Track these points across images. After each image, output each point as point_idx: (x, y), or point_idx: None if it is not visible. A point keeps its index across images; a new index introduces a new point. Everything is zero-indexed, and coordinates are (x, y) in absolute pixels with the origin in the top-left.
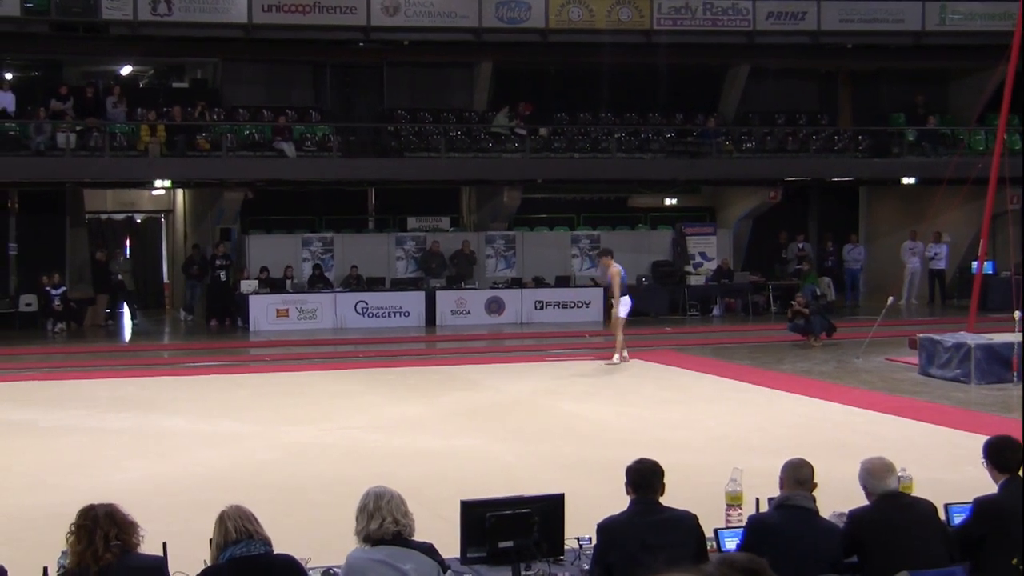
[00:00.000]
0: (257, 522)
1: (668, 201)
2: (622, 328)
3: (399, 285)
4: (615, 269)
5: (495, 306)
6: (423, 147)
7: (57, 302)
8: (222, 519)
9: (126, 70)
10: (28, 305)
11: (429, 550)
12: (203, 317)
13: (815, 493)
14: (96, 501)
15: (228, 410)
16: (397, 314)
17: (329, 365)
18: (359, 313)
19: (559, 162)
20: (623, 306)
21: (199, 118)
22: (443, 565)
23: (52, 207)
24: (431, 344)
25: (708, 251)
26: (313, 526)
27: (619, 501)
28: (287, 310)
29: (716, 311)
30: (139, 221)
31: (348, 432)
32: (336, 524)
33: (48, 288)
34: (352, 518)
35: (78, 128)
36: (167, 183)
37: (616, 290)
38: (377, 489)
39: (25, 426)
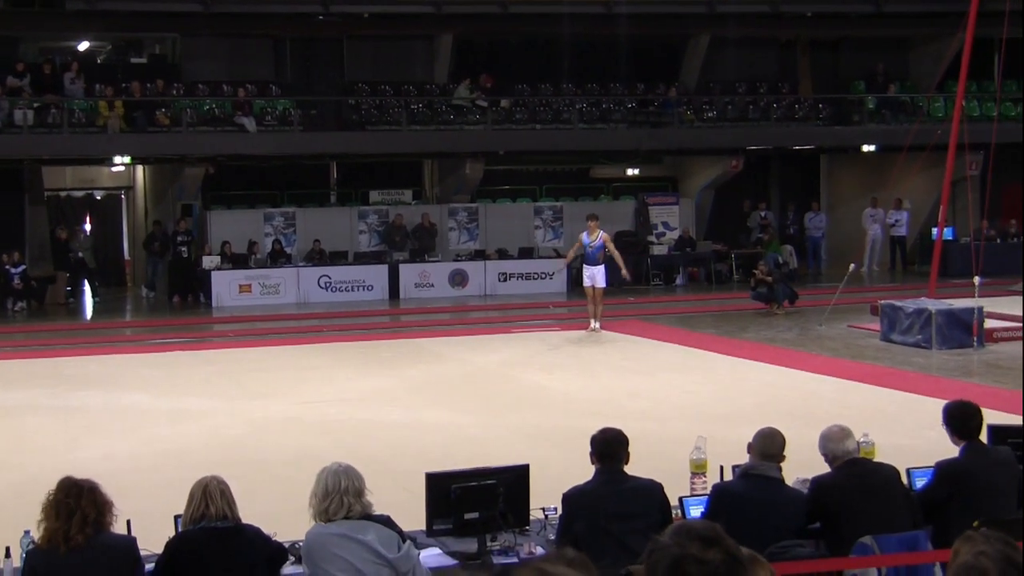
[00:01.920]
0: (234, 503)
1: (630, 171)
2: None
3: (362, 259)
4: (605, 235)
5: (459, 278)
6: (385, 120)
7: (17, 281)
8: (205, 493)
9: (84, 46)
10: None
11: (387, 521)
12: (165, 294)
13: (783, 463)
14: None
15: (192, 386)
16: (361, 288)
17: (294, 340)
18: (322, 288)
19: (521, 134)
20: (601, 275)
21: (159, 93)
22: (402, 535)
23: (10, 185)
24: (395, 317)
25: (671, 221)
26: (279, 501)
27: (584, 471)
28: (250, 285)
29: (679, 280)
30: (99, 198)
31: (314, 406)
32: (302, 499)
33: (8, 267)
34: (303, 495)
35: (36, 105)
36: (127, 159)
37: (615, 253)
38: (333, 468)
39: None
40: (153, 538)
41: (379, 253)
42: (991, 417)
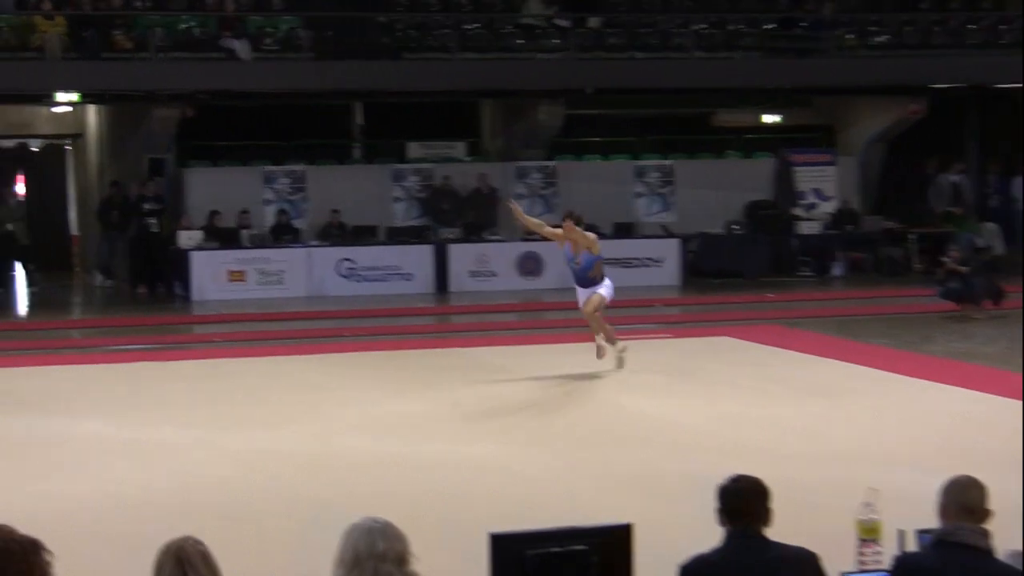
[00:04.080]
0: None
1: (767, 118)
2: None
3: (398, 237)
4: (591, 240)
5: (530, 265)
6: (428, 45)
7: None
8: (181, 560)
9: None
10: None
11: None
12: (127, 282)
13: (987, 525)
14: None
15: (161, 410)
16: (395, 277)
17: (300, 348)
18: (343, 276)
19: (616, 65)
20: (606, 287)
21: (116, 6)
22: None
23: None
24: (443, 318)
25: (824, 188)
26: (270, 567)
27: (706, 534)
28: (243, 272)
29: (836, 270)
30: (35, 150)
31: (327, 439)
32: (310, 567)
33: None
34: (324, 559)
35: None
36: (73, 97)
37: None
38: (366, 525)
39: None
40: None
41: (420, 229)
42: None
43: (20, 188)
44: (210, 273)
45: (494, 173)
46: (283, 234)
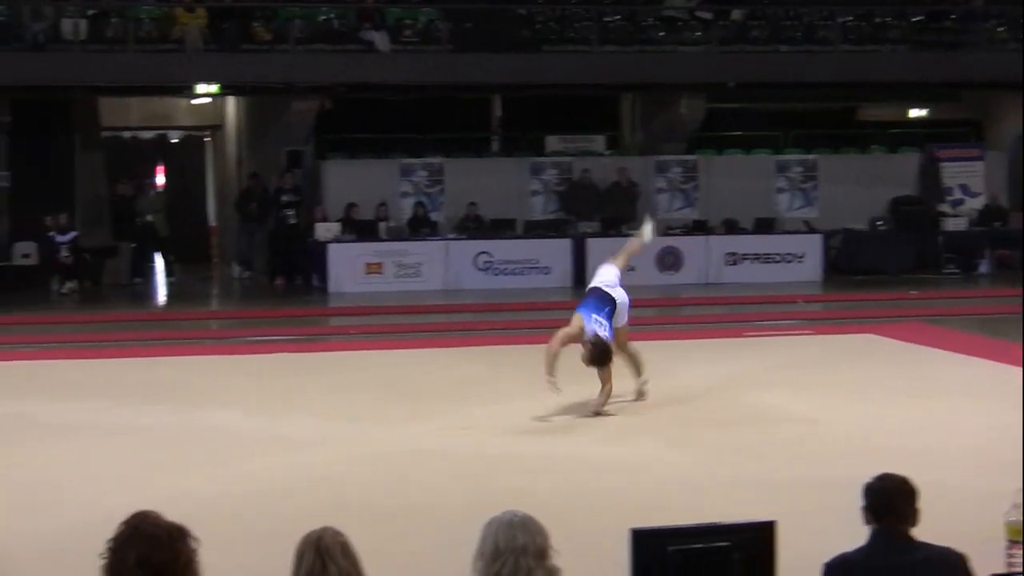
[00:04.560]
0: (360, 564)
1: (914, 113)
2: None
3: (535, 230)
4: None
5: (670, 260)
6: (568, 38)
7: (65, 253)
8: (320, 551)
9: None
10: (26, 256)
11: None
12: (265, 273)
13: None
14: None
15: (297, 403)
16: (533, 270)
17: (437, 341)
18: (480, 269)
19: (759, 58)
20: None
21: None
22: None
23: (56, 122)
24: None
25: (972, 184)
26: (411, 561)
27: (851, 532)
28: (380, 264)
29: (983, 268)
30: (175, 141)
31: (460, 434)
32: (443, 559)
33: (53, 234)
34: (464, 553)
35: (90, 12)
36: (213, 88)
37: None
38: (506, 519)
39: (22, 423)
40: None
41: (559, 223)
42: None
43: (160, 179)
44: (347, 265)
45: (634, 167)
46: (420, 227)
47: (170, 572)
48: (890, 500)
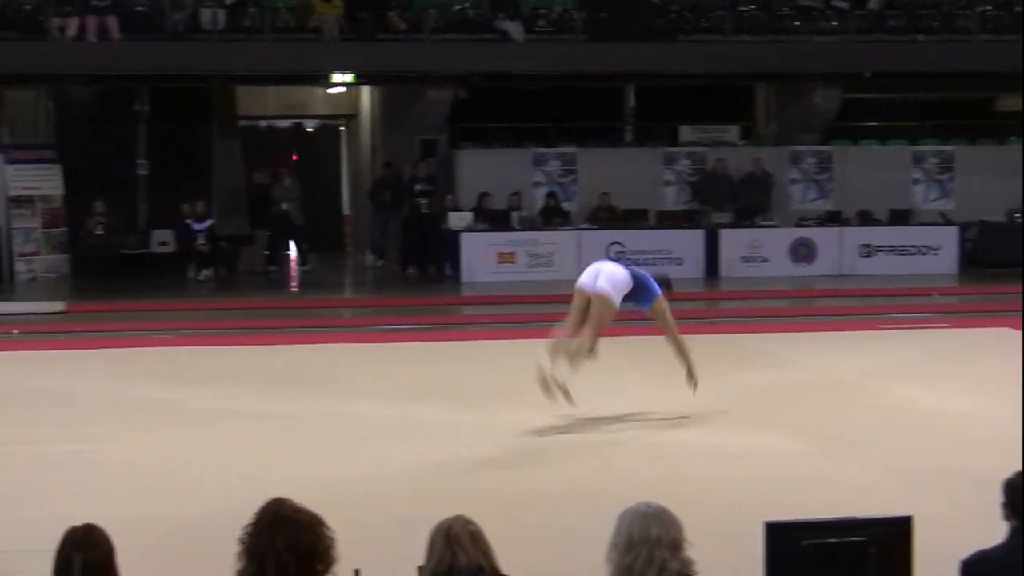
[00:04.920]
0: (491, 550)
1: None
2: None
3: (668, 220)
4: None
5: (803, 251)
6: (702, 27)
7: (202, 240)
8: (449, 539)
9: None
10: (163, 244)
11: None
12: (398, 262)
13: None
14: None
15: (430, 390)
16: (665, 260)
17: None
18: (612, 259)
19: (895, 48)
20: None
21: None
22: None
23: (194, 110)
24: (712, 303)
25: None
26: (546, 549)
27: (990, 529)
28: (513, 254)
29: None
30: (310, 130)
31: (593, 423)
32: (578, 549)
33: (190, 221)
34: (599, 544)
35: (229, 2)
36: (348, 77)
37: None
38: (640, 510)
39: (159, 408)
40: None
41: (692, 213)
42: None
43: (295, 168)
44: (480, 254)
45: (768, 158)
46: (553, 216)
47: (312, 557)
48: None
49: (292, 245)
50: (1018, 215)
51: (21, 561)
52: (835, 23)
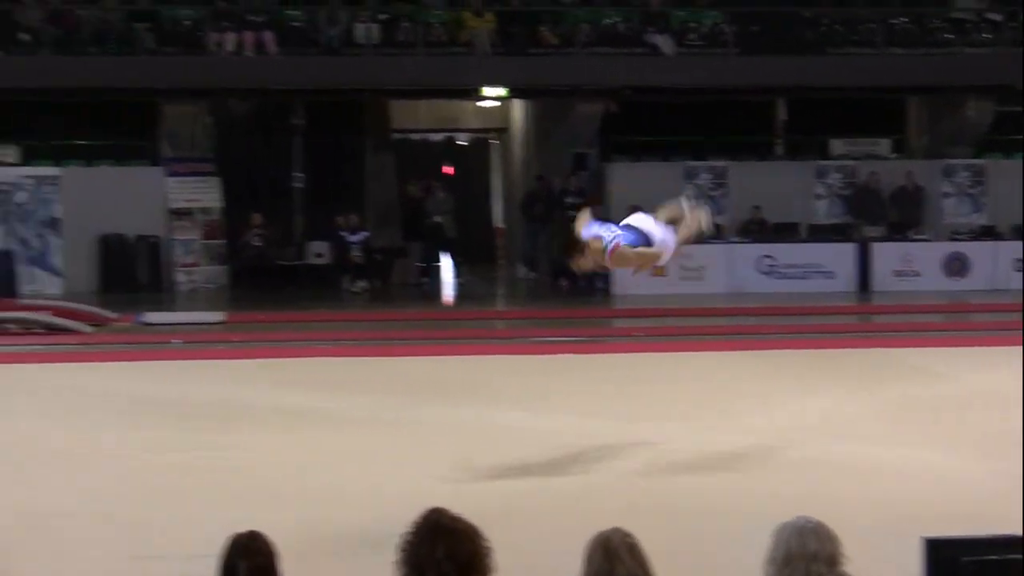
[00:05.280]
0: (648, 564)
1: None
2: None
3: (820, 234)
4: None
5: (957, 266)
6: (854, 40)
7: (356, 252)
8: (608, 552)
9: None
10: (319, 256)
11: None
12: (549, 274)
13: None
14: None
15: (582, 402)
16: (817, 274)
17: (721, 345)
18: (763, 273)
19: None
20: None
21: (543, 2)
22: None
23: (348, 124)
24: (865, 317)
25: None
26: (704, 562)
27: None
28: (664, 267)
29: None
30: (462, 144)
31: (743, 436)
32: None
33: (344, 233)
34: (755, 558)
35: (382, 17)
36: (500, 91)
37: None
38: (798, 524)
39: (317, 416)
40: None
41: (843, 227)
42: None
43: (448, 181)
44: (629, 268)
45: (920, 171)
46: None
47: (472, 566)
48: None
49: (445, 257)
50: None
51: (186, 566)
52: (988, 35)
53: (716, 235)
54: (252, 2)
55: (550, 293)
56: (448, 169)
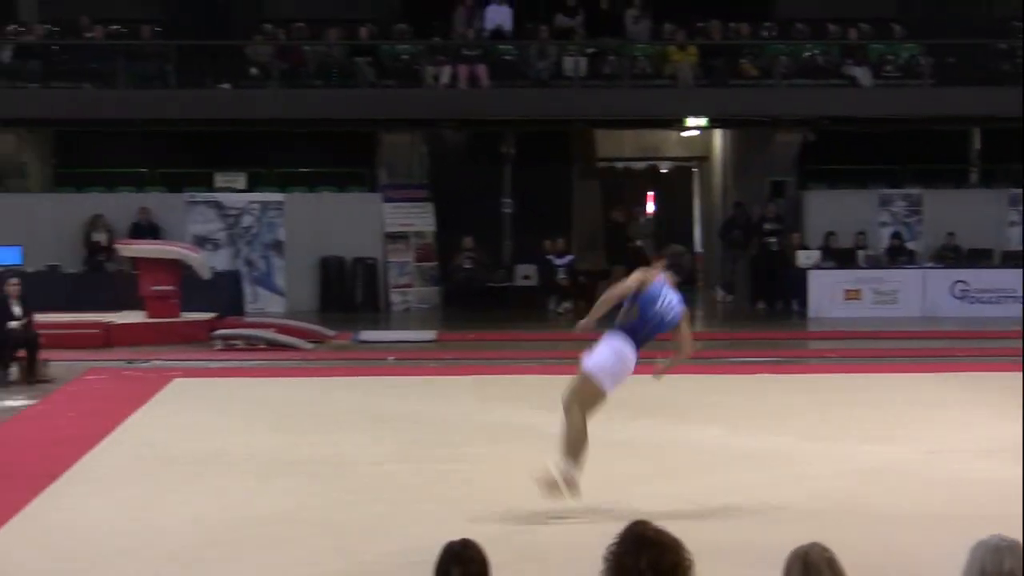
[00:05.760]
0: (835, 573)
1: None
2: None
3: (1012, 260)
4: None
5: None
6: None
7: (562, 275)
8: (806, 566)
9: None
10: (526, 278)
11: None
12: (746, 297)
13: None
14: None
15: (779, 420)
16: (1008, 299)
17: (914, 366)
18: (956, 297)
19: None
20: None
21: (743, 35)
22: None
23: (556, 152)
24: None
25: None
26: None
27: None
28: (859, 291)
29: None
30: (664, 171)
31: (940, 456)
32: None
33: (551, 256)
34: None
35: (589, 51)
36: (702, 121)
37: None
38: (993, 543)
39: (524, 431)
40: None
41: None
42: None
43: (650, 207)
44: (827, 291)
45: None
46: (898, 255)
47: None
48: None
49: None
50: None
51: (404, 572)
52: None
53: (910, 260)
54: (466, 37)
55: (747, 315)
56: (650, 196)
